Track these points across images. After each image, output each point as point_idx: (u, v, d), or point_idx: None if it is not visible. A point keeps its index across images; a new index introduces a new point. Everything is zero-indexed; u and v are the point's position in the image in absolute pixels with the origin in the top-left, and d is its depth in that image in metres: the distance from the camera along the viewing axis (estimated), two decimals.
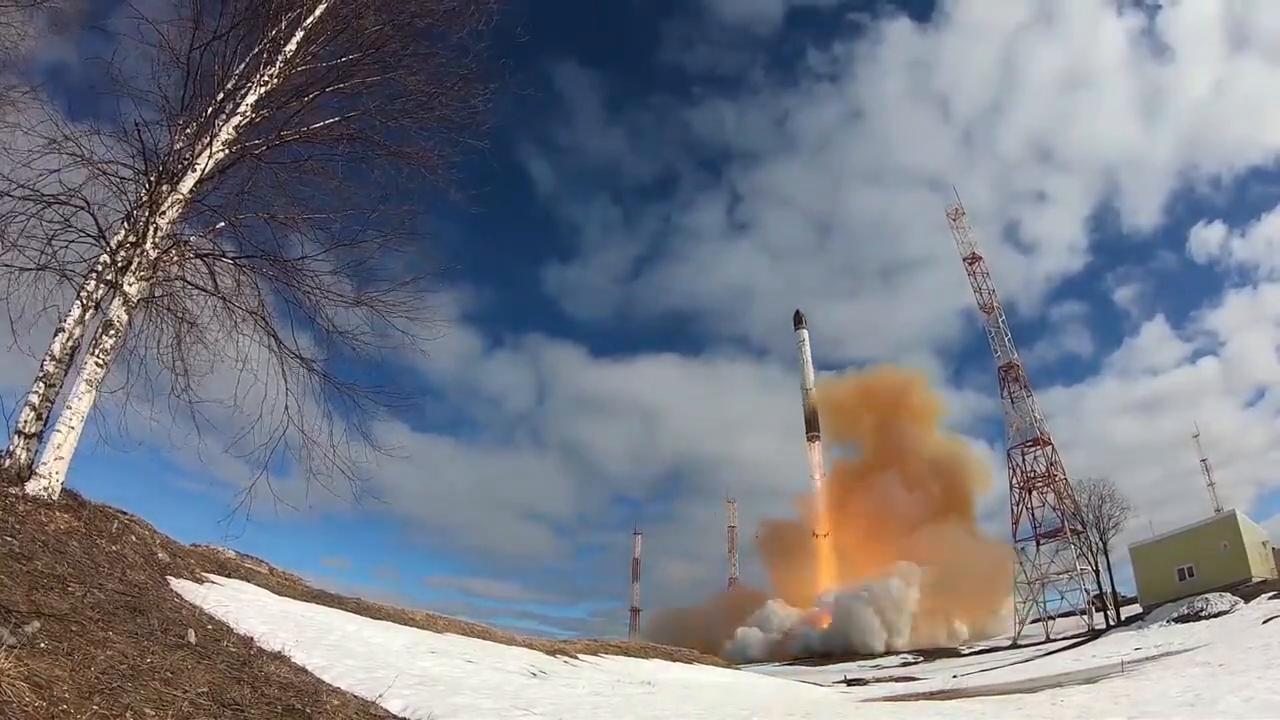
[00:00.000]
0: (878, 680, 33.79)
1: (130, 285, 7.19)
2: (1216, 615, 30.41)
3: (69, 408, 6.73)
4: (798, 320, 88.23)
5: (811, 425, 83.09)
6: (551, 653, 20.23)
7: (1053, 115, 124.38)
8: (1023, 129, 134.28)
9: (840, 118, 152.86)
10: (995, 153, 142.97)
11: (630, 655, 25.68)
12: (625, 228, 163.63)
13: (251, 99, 7.95)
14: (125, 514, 9.61)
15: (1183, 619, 31.58)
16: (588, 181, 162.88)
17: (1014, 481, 60.97)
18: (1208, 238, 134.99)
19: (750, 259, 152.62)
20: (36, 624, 4.02)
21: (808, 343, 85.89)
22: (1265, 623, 24.56)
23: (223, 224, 8.18)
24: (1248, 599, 31.22)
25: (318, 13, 8.23)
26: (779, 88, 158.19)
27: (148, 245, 7.32)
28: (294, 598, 14.42)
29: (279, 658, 6.42)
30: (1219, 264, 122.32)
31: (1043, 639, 48.56)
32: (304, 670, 6.50)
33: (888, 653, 62.90)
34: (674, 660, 27.78)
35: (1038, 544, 57.19)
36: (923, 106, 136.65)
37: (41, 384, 6.90)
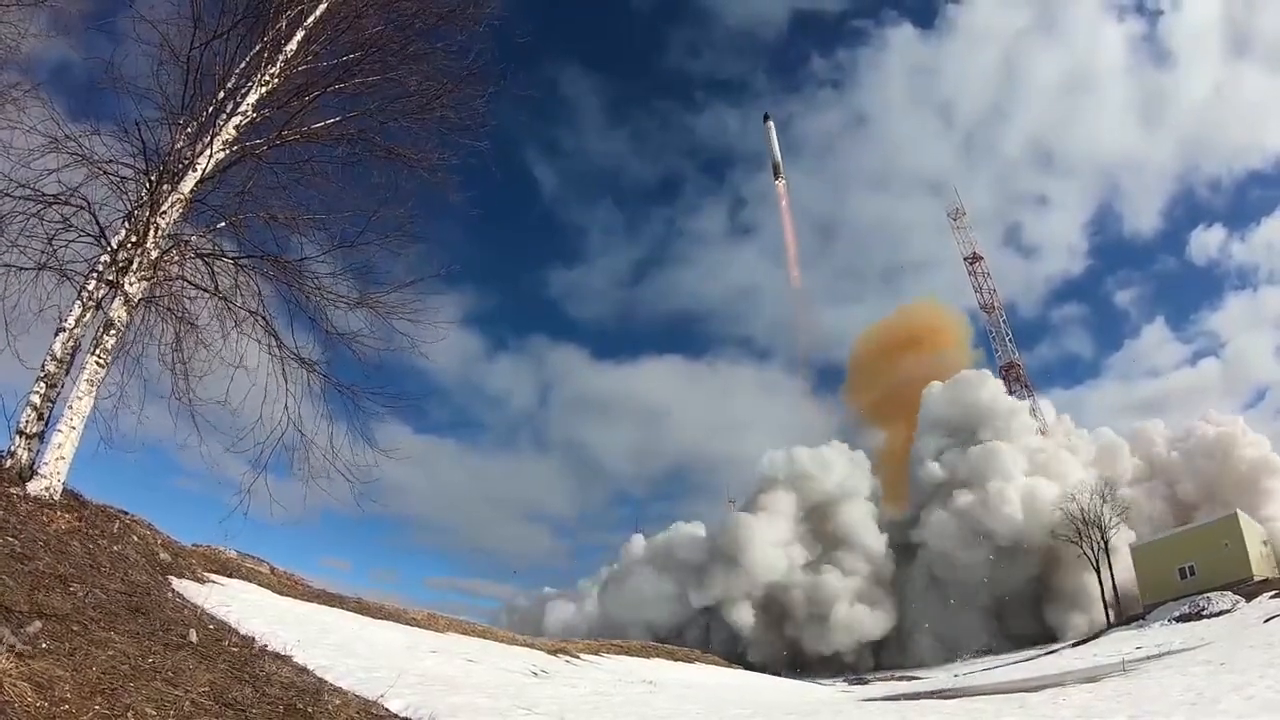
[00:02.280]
0: (879, 680, 33.83)
1: (131, 285, 7.18)
2: (1218, 614, 30.39)
3: (70, 408, 6.73)
4: (765, 117, 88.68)
5: (777, 173, 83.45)
6: (553, 652, 20.22)
7: (1054, 119, 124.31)
8: (1024, 133, 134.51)
9: (843, 123, 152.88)
10: (997, 157, 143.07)
11: (632, 655, 25.69)
12: (628, 231, 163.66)
13: (252, 98, 7.95)
14: (126, 514, 9.62)
15: (1184, 618, 31.55)
16: (591, 185, 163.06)
17: None
18: (1207, 240, 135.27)
19: (754, 262, 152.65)
20: (38, 624, 4.02)
21: (774, 131, 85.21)
22: (1266, 621, 24.53)
23: (223, 224, 8.17)
24: (1249, 598, 31.21)
25: (318, 12, 8.22)
26: (782, 93, 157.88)
27: (149, 245, 7.31)
28: (295, 598, 14.42)
29: (280, 657, 6.42)
30: (1219, 266, 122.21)
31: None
32: (305, 670, 6.50)
33: None
34: (675, 660, 27.79)
35: None
36: (926, 111, 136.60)
37: (43, 384, 6.90)
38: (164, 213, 7.44)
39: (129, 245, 7.39)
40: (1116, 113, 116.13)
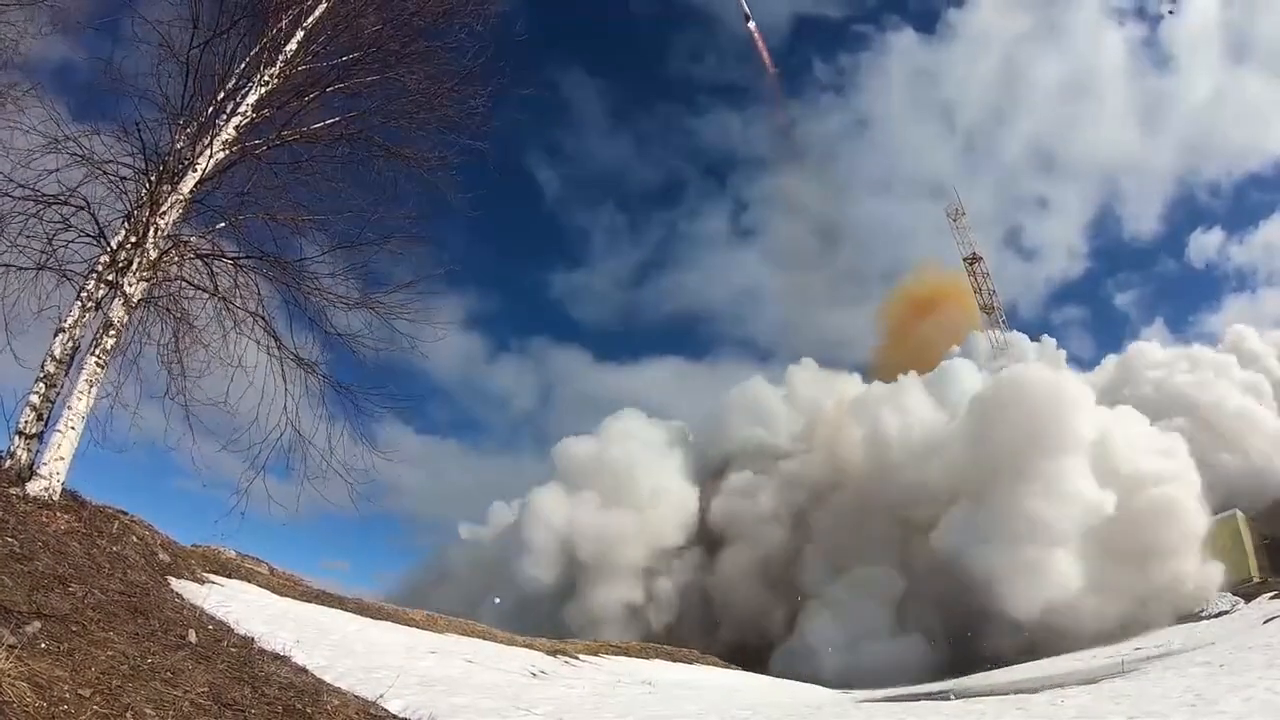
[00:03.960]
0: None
1: (131, 285, 7.18)
2: (1217, 615, 30.45)
3: (69, 408, 6.72)
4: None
5: (747, 19, 79.63)
6: (551, 653, 20.21)
7: (1055, 123, 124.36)
8: (1025, 137, 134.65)
9: (845, 127, 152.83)
10: (998, 160, 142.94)
11: (630, 655, 25.67)
12: (631, 234, 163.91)
13: (252, 99, 7.94)
14: (126, 514, 9.60)
15: (1183, 619, 31.59)
16: (594, 188, 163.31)
17: None
18: (1206, 243, 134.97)
19: (755, 265, 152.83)
20: (37, 624, 4.02)
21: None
22: (1266, 623, 24.56)
23: (223, 224, 8.17)
24: (1249, 599, 31.27)
25: (318, 12, 8.22)
26: (785, 98, 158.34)
27: (148, 245, 7.31)
28: (295, 598, 14.42)
29: (279, 658, 6.41)
30: (1217, 269, 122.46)
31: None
32: (304, 670, 6.49)
33: None
34: (674, 661, 27.77)
35: None
36: (927, 116, 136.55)
37: (42, 384, 6.89)
38: (164, 213, 7.43)
39: (128, 245, 7.38)
40: (1117, 116, 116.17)
